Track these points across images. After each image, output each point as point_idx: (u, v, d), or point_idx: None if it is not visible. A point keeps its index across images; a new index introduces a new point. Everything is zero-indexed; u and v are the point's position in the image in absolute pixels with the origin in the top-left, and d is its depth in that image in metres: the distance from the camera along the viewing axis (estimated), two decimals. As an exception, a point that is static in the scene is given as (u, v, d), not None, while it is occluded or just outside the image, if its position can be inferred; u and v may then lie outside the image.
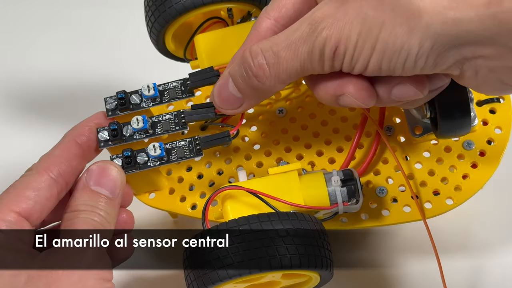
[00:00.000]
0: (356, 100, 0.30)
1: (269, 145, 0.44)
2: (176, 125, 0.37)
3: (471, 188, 0.40)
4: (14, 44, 0.63)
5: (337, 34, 0.27)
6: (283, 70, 0.30)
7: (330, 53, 0.28)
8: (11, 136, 0.55)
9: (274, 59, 0.30)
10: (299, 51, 0.29)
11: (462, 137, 0.41)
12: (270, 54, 0.30)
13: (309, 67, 0.29)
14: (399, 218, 0.40)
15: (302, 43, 0.29)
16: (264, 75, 0.31)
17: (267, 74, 0.31)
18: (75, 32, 0.63)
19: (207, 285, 0.33)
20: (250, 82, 0.32)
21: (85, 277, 0.30)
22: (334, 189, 0.37)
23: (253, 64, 0.31)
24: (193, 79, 0.37)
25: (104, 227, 0.32)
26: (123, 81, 0.56)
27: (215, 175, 0.43)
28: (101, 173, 0.34)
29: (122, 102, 0.37)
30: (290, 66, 0.30)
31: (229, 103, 0.34)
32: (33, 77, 0.59)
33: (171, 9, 0.41)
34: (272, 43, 0.30)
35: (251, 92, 0.33)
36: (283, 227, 0.33)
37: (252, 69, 0.31)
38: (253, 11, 0.43)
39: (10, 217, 0.31)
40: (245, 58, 0.32)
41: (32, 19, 0.64)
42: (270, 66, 0.31)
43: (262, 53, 0.31)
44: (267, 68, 0.31)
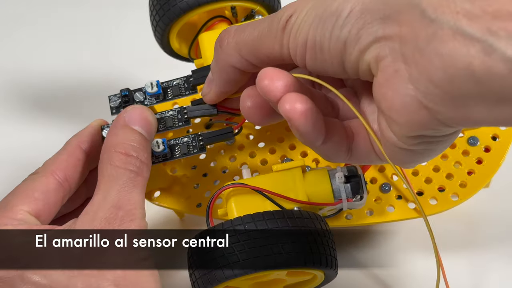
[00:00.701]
0: (247, 116, 0.30)
1: (274, 143, 0.44)
2: (179, 121, 0.37)
3: (476, 184, 0.40)
4: (14, 44, 0.63)
5: (294, 7, 0.27)
6: (243, 39, 0.29)
7: (283, 21, 0.27)
8: (11, 136, 0.55)
9: (239, 29, 0.30)
10: (261, 23, 0.29)
11: (467, 133, 0.41)
12: (238, 26, 0.30)
13: (265, 40, 0.28)
14: (403, 215, 0.40)
15: (266, 18, 0.29)
16: (226, 40, 0.30)
17: (230, 40, 0.30)
18: (75, 32, 0.63)
19: (212, 283, 0.33)
20: (216, 55, 0.31)
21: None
22: (338, 185, 0.37)
23: (220, 37, 0.31)
24: (196, 76, 0.38)
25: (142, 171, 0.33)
26: (123, 81, 0.56)
27: (219, 173, 0.43)
28: (139, 113, 0.35)
29: (126, 100, 0.37)
30: (250, 35, 0.29)
31: (206, 85, 0.35)
32: (33, 77, 0.59)
33: (175, 8, 0.41)
34: (244, 24, 0.30)
35: (216, 68, 0.32)
36: (287, 225, 0.33)
37: (219, 39, 0.31)
38: (256, 10, 0.44)
39: (21, 215, 0.31)
40: (216, 46, 0.31)
41: (32, 19, 0.65)
42: (233, 33, 0.30)
43: (233, 27, 0.30)
44: (231, 34, 0.30)
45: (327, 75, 0.27)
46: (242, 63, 0.30)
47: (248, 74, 0.31)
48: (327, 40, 0.25)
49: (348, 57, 0.25)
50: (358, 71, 0.25)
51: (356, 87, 0.30)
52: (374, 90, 0.24)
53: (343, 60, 0.25)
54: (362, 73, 0.25)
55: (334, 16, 0.24)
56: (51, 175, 0.33)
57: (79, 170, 0.35)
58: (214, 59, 0.32)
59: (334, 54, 0.25)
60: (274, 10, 0.44)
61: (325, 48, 0.25)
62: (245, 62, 0.30)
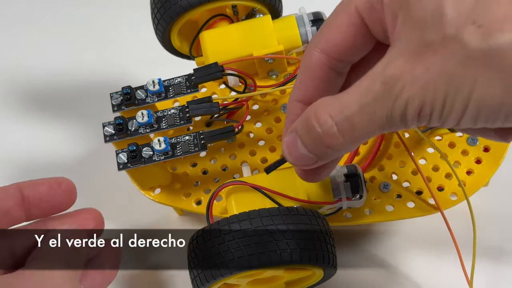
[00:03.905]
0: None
1: (274, 141, 0.44)
2: (181, 120, 0.37)
3: (475, 183, 0.40)
4: (15, 43, 0.63)
5: (420, 96, 0.24)
6: (359, 136, 0.26)
7: (414, 115, 0.24)
8: (11, 135, 0.55)
9: (347, 125, 0.26)
10: (376, 115, 0.25)
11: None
12: (343, 120, 0.26)
13: (390, 129, 0.26)
14: (403, 214, 0.40)
15: (378, 106, 0.25)
16: (337, 143, 0.27)
17: (341, 142, 0.26)
18: (77, 30, 0.63)
19: (209, 281, 0.34)
20: (322, 149, 0.28)
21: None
22: (338, 184, 0.37)
23: (322, 133, 0.27)
24: (197, 74, 0.38)
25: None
26: (124, 79, 0.56)
27: (220, 170, 0.43)
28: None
29: (127, 98, 0.37)
30: (367, 131, 0.26)
31: (303, 161, 0.29)
32: (35, 76, 0.59)
33: (176, 6, 0.41)
34: (342, 106, 0.26)
35: (324, 155, 0.28)
36: (282, 222, 0.33)
37: (323, 140, 0.27)
38: (257, 8, 0.44)
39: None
40: (311, 125, 0.27)
41: (33, 18, 0.65)
42: (344, 134, 0.26)
43: (331, 120, 0.26)
44: (340, 136, 0.26)
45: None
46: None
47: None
48: (498, 124, 0.24)
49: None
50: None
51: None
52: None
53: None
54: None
55: (502, 112, 0.23)
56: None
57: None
58: (319, 151, 0.28)
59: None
60: (275, 8, 0.44)
61: (497, 125, 0.24)
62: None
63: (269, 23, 0.42)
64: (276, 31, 0.42)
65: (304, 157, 0.29)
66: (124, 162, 0.37)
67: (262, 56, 0.41)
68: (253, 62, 0.42)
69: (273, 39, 0.42)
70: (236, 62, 0.41)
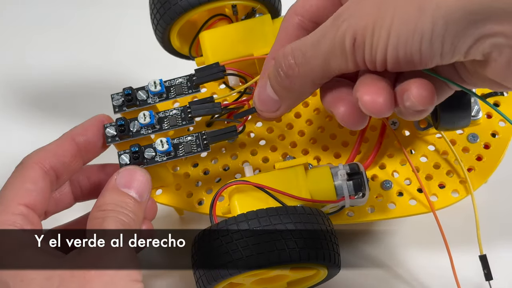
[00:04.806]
0: (343, 122, 0.30)
1: (275, 141, 0.44)
2: (182, 120, 0.37)
3: (476, 180, 0.40)
4: (14, 43, 0.63)
5: (354, 25, 0.27)
6: (310, 69, 0.30)
7: (350, 45, 0.27)
8: (11, 135, 0.55)
9: (302, 58, 0.30)
10: (321, 48, 0.29)
11: (467, 130, 0.42)
12: (299, 54, 0.30)
13: (333, 65, 0.29)
14: (405, 211, 0.40)
15: (324, 40, 0.28)
16: (293, 74, 0.30)
17: (296, 73, 0.30)
18: (78, 31, 0.63)
19: (216, 280, 0.34)
20: (283, 83, 0.31)
21: (116, 278, 0.30)
22: (340, 183, 0.37)
23: (283, 65, 0.30)
24: (199, 74, 0.38)
25: (132, 228, 0.32)
26: (125, 80, 0.56)
27: (221, 170, 0.43)
28: (131, 175, 0.34)
29: (129, 99, 0.37)
30: (316, 64, 0.29)
31: (267, 105, 0.33)
32: (36, 77, 0.59)
33: (176, 6, 0.41)
34: (301, 43, 0.30)
35: (286, 93, 0.32)
36: (291, 221, 0.33)
37: (283, 69, 0.31)
38: (257, 8, 0.44)
39: (19, 210, 0.31)
40: (277, 59, 0.31)
41: (31, 18, 0.64)
42: (299, 66, 0.30)
43: (292, 52, 0.30)
44: (296, 67, 0.30)
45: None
46: (315, 86, 0.31)
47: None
48: (416, 55, 0.26)
49: (442, 60, 0.26)
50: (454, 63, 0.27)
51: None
52: (494, 74, 0.26)
53: (435, 62, 0.26)
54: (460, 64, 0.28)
55: (416, 36, 0.25)
56: (35, 164, 0.33)
57: (66, 161, 0.35)
58: (281, 86, 0.32)
59: (424, 62, 0.26)
60: (275, 8, 0.44)
61: (416, 60, 0.26)
62: (318, 83, 0.31)
63: (269, 22, 0.42)
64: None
65: (270, 100, 0.33)
66: (126, 164, 0.36)
67: (262, 56, 0.41)
68: (253, 62, 0.42)
69: (273, 39, 0.42)
70: (236, 62, 0.41)
